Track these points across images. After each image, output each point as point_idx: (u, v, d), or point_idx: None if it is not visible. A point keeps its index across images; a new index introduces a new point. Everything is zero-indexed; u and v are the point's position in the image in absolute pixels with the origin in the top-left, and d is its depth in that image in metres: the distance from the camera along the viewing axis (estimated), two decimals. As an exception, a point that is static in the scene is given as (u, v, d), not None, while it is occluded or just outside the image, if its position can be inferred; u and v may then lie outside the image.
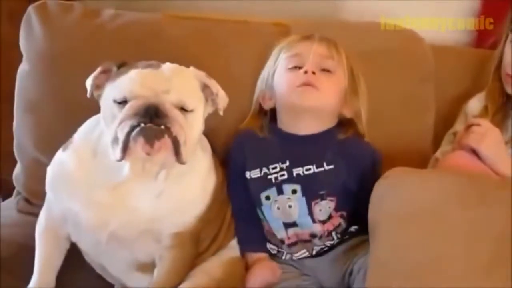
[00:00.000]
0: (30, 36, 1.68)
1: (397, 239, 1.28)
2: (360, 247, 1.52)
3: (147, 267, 1.44)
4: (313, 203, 1.52)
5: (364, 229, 1.43)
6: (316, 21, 1.86)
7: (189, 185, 1.41)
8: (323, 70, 1.54)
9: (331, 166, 1.52)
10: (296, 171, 1.52)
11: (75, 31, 1.68)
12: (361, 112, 1.59)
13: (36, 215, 1.50)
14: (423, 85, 1.72)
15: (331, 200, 1.52)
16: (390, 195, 1.34)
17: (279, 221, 1.55)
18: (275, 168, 1.53)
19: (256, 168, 1.55)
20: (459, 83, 1.78)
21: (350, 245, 1.56)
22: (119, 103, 1.29)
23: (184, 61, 1.41)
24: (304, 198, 1.52)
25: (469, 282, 1.16)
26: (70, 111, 1.55)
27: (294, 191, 1.52)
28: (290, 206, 1.52)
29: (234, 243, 1.57)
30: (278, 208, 1.53)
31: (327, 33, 1.69)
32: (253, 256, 1.56)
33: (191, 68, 1.39)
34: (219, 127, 1.57)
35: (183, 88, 1.31)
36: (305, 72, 1.52)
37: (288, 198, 1.52)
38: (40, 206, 1.50)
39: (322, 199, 1.51)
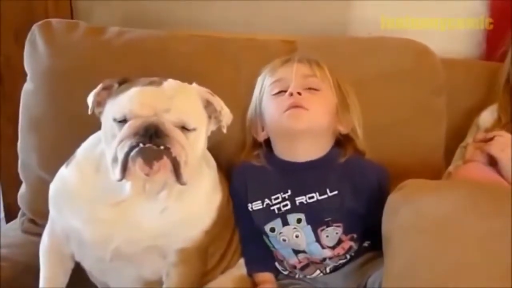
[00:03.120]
0: (34, 54, 1.67)
1: (412, 251, 1.25)
2: (374, 261, 1.48)
3: (154, 284, 1.41)
4: (319, 230, 1.48)
5: (377, 244, 1.39)
6: (323, 38, 1.85)
7: (193, 201, 1.38)
8: (309, 89, 1.49)
9: (335, 192, 1.48)
10: (299, 200, 1.48)
11: (79, 49, 1.67)
12: (356, 128, 1.54)
13: (41, 235, 1.47)
14: (435, 98, 1.69)
15: (338, 226, 1.48)
16: (405, 207, 1.30)
17: (288, 249, 1.52)
18: (277, 198, 1.50)
19: (258, 200, 1.51)
20: (470, 96, 1.76)
21: (364, 259, 1.53)
22: (119, 121, 1.26)
23: (191, 78, 1.39)
24: (309, 226, 1.48)
25: (487, 289, 1.13)
26: (74, 128, 1.53)
27: (299, 220, 1.48)
28: (297, 236, 1.49)
29: (242, 261, 1.55)
30: (284, 240, 1.50)
31: (336, 50, 1.70)
32: (259, 276, 1.53)
33: (194, 84, 1.37)
34: (225, 143, 1.55)
35: (184, 106, 1.29)
36: (291, 94, 1.47)
37: (294, 228, 1.49)
38: (44, 227, 1.48)
39: (328, 225, 1.48)
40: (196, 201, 1.38)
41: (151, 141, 1.23)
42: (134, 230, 1.34)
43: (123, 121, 1.26)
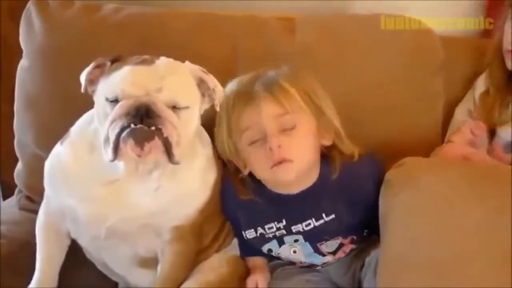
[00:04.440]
0: (30, 31, 1.66)
1: (410, 232, 1.25)
2: (371, 243, 1.47)
3: (150, 262, 1.41)
4: (318, 244, 1.47)
5: (375, 230, 1.39)
6: (322, 16, 1.82)
7: (187, 180, 1.37)
8: (284, 130, 1.35)
9: (332, 216, 1.42)
10: (295, 228, 1.43)
11: (75, 26, 1.65)
12: (337, 128, 1.42)
13: (38, 212, 1.48)
14: (433, 77, 1.68)
15: (337, 239, 1.46)
16: (403, 186, 1.31)
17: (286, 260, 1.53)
18: (271, 228, 1.45)
19: (251, 228, 1.47)
20: (468, 73, 1.73)
21: (362, 246, 1.51)
22: (111, 101, 1.26)
23: (187, 56, 1.38)
24: (307, 243, 1.46)
25: (486, 272, 1.14)
26: (70, 106, 1.52)
27: (296, 240, 1.46)
28: (294, 252, 1.48)
29: (236, 241, 1.54)
30: (282, 257, 1.50)
31: (334, 28, 1.67)
32: (251, 260, 1.53)
33: (187, 62, 1.36)
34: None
35: (176, 85, 1.28)
36: (270, 149, 1.33)
37: (290, 245, 1.47)
38: (41, 204, 1.48)
39: (327, 240, 1.46)
40: (190, 179, 1.38)
41: (142, 122, 1.22)
42: (128, 209, 1.34)
43: (115, 101, 1.25)
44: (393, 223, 1.29)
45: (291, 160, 1.34)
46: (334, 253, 1.48)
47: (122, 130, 1.22)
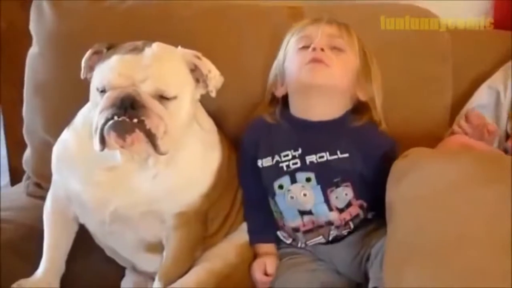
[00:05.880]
0: (40, 18, 1.67)
1: (416, 219, 1.24)
2: (377, 232, 1.47)
3: (156, 247, 1.42)
4: (328, 191, 1.48)
5: (381, 215, 1.39)
6: (331, 4, 1.82)
7: (187, 166, 1.37)
8: (333, 48, 1.49)
9: (346, 155, 1.47)
10: (309, 158, 1.48)
11: (84, 13, 1.67)
12: (375, 98, 1.54)
13: (46, 198, 1.49)
14: (440, 66, 1.68)
15: (347, 186, 1.48)
16: (409, 175, 1.30)
17: (293, 209, 1.51)
18: (287, 155, 1.49)
19: (268, 156, 1.51)
20: (477, 64, 1.74)
21: (367, 230, 1.52)
22: (101, 91, 1.27)
23: (194, 43, 1.38)
24: (319, 186, 1.48)
25: (490, 260, 1.12)
26: (78, 92, 1.50)
27: (308, 179, 1.48)
28: (305, 195, 1.48)
29: (245, 226, 1.54)
30: (291, 197, 1.49)
31: (342, 15, 1.66)
32: (261, 247, 1.54)
33: (179, 48, 1.35)
34: (229, 108, 1.55)
35: (162, 74, 1.27)
36: (314, 49, 1.47)
37: (302, 186, 1.48)
38: (49, 190, 1.49)
39: (338, 186, 1.48)
40: (190, 166, 1.38)
41: (126, 113, 1.22)
42: (130, 195, 1.34)
43: (104, 91, 1.26)
44: (399, 211, 1.29)
45: (328, 65, 1.46)
46: (341, 210, 1.49)
47: (106, 121, 1.23)
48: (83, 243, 1.48)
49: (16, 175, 1.99)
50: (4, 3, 1.98)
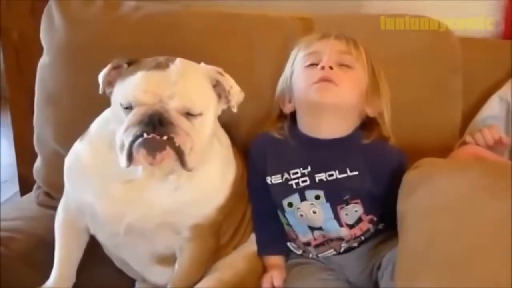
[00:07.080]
0: (50, 28, 1.67)
1: (428, 231, 1.24)
2: (388, 242, 1.47)
3: (168, 259, 1.42)
4: (338, 208, 1.47)
5: (391, 225, 1.39)
6: (340, 16, 1.82)
7: (206, 180, 1.38)
8: (342, 65, 1.47)
9: (355, 173, 1.46)
10: (318, 176, 1.47)
11: (95, 23, 1.66)
12: (384, 113, 1.52)
13: (56, 208, 1.49)
14: (451, 76, 1.68)
15: (356, 203, 1.47)
16: (420, 186, 1.30)
17: (304, 225, 1.51)
18: (296, 173, 1.48)
19: (277, 173, 1.50)
20: (487, 75, 1.74)
21: (378, 240, 1.52)
22: (126, 108, 1.26)
23: (203, 55, 1.39)
24: (328, 204, 1.47)
25: (502, 272, 1.12)
26: (89, 103, 1.52)
27: (317, 197, 1.47)
28: (314, 212, 1.48)
29: (254, 236, 1.55)
30: (301, 215, 1.49)
31: (352, 27, 1.67)
32: (269, 259, 1.53)
33: (202, 64, 1.35)
34: (241, 118, 1.54)
35: (189, 91, 1.27)
36: (322, 67, 1.46)
37: (312, 204, 1.48)
38: (59, 200, 1.49)
39: (347, 203, 1.47)
40: (209, 180, 1.38)
41: (155, 130, 1.22)
42: (147, 208, 1.34)
43: (129, 107, 1.25)
44: (411, 223, 1.29)
45: (336, 84, 1.44)
46: (351, 226, 1.49)
47: (135, 139, 1.23)
48: (94, 253, 1.48)
49: (25, 184, 1.99)
50: (16, 12, 1.98)
